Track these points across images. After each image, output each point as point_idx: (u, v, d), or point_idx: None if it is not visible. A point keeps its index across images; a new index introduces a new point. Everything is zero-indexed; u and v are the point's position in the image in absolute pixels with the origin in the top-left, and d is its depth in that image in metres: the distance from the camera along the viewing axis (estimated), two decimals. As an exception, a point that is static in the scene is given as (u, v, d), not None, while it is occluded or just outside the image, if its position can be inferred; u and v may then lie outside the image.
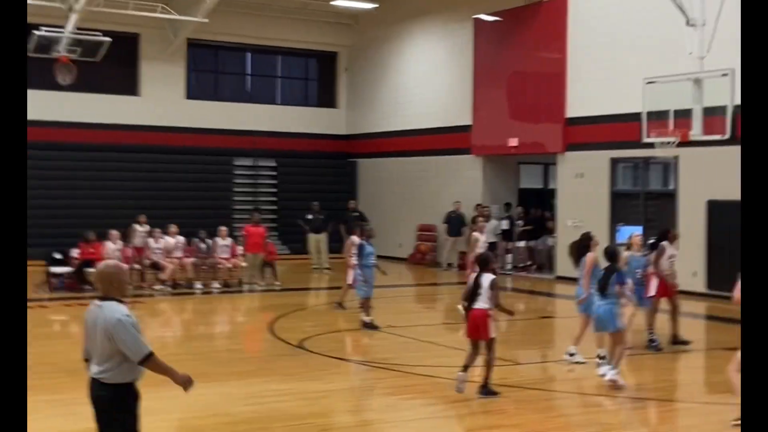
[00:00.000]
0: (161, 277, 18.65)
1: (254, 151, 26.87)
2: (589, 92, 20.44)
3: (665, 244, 12.71)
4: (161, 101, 25.80)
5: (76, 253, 18.38)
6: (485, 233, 17.16)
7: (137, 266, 18.73)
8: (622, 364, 10.31)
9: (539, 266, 22.79)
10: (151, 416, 6.02)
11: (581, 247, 11.45)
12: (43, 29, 19.94)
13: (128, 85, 25.85)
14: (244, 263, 19.58)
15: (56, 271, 18.21)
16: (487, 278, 9.60)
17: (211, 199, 25.82)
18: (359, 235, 14.94)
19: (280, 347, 12.73)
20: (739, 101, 15.56)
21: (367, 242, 14.48)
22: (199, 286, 18.77)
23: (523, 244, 23.17)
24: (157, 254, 18.84)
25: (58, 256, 18.41)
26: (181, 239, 19.25)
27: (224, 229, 19.93)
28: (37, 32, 19.69)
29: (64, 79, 20.46)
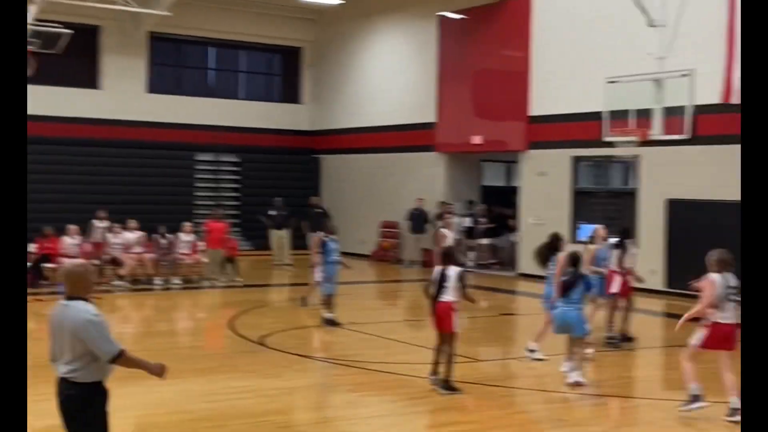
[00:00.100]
0: (120, 272, 18.43)
1: (216, 146, 26.65)
2: (551, 91, 20.57)
3: (629, 242, 12.97)
4: (122, 95, 25.47)
5: (32, 248, 18.10)
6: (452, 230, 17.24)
7: (96, 262, 18.47)
8: (584, 364, 10.39)
9: (501, 263, 22.90)
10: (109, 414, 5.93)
11: (551, 247, 11.50)
12: (1, 20, 19.60)
13: (88, 78, 25.47)
14: (205, 259, 19.43)
15: (13, 266, 17.90)
16: (454, 271, 9.66)
17: (172, 194, 25.55)
18: (322, 231, 14.89)
19: (240, 344, 12.65)
20: (698, 101, 15.84)
21: (330, 239, 14.44)
22: (159, 282, 18.61)
23: (485, 241, 23.26)
24: (116, 249, 18.62)
25: (14, 250, 18.10)
26: (141, 234, 19.06)
27: (188, 224, 19.77)
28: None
29: (22, 71, 20.14)
